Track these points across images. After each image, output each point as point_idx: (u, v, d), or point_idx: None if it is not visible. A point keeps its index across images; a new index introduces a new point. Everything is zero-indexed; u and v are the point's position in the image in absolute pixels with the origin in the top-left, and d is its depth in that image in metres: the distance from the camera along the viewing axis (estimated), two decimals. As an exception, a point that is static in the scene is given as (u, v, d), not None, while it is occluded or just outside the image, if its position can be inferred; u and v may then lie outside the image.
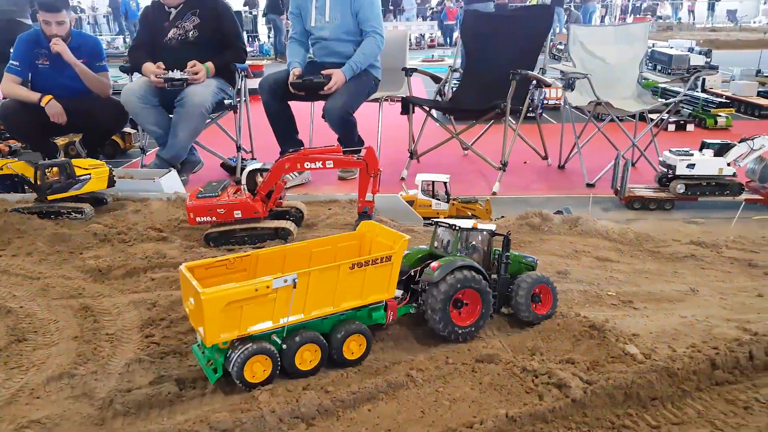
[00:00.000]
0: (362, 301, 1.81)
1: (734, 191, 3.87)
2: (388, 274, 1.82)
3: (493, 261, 2.16)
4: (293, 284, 1.64)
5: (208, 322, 1.57)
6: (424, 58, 13.47)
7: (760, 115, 6.71)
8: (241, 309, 1.61)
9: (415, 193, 3.66)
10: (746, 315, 2.24)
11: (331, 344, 1.77)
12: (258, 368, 1.67)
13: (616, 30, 4.90)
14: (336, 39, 4.64)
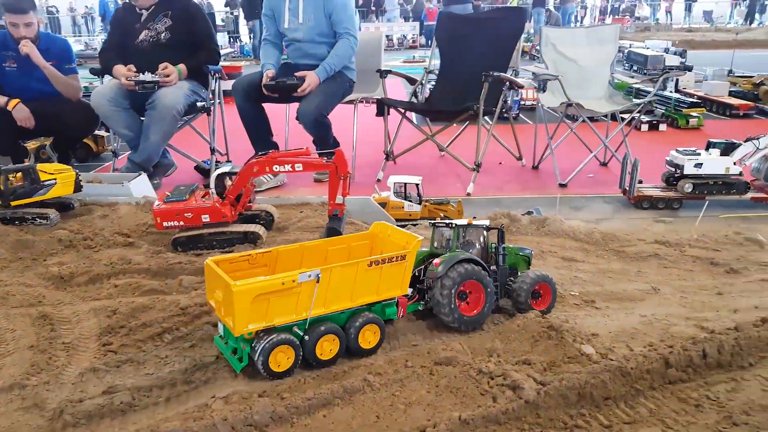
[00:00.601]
0: (378, 297, 1.90)
1: (740, 190, 3.92)
2: (402, 272, 1.93)
3: (490, 254, 2.27)
4: (317, 279, 1.74)
5: (237, 313, 1.66)
6: (405, 59, 13.50)
7: (731, 115, 6.82)
8: (268, 301, 1.70)
9: (387, 195, 3.67)
10: (704, 313, 2.28)
11: (347, 335, 1.86)
12: (282, 358, 1.75)
13: (587, 32, 4.94)
14: (310, 41, 4.63)
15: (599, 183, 4.66)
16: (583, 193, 4.40)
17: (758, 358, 1.87)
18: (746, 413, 1.62)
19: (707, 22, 21.42)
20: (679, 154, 3.94)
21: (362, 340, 1.88)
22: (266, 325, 1.72)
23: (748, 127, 6.59)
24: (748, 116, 6.82)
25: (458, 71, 4.94)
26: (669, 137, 6.09)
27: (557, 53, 4.83)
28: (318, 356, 1.82)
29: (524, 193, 4.46)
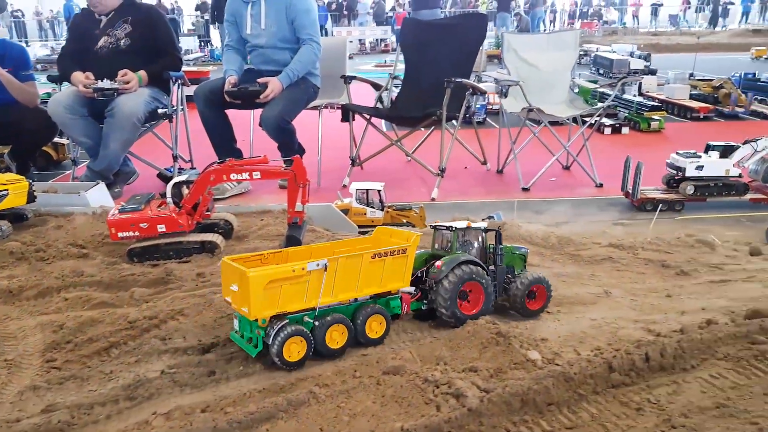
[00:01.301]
0: (381, 288, 2.03)
1: (740, 191, 4.03)
2: (404, 265, 2.07)
3: (489, 254, 2.36)
4: (324, 268, 1.87)
5: (253, 298, 1.79)
6: (377, 63, 13.52)
7: (692, 117, 6.98)
8: (280, 288, 1.83)
9: (349, 202, 3.66)
10: (653, 316, 2.32)
11: (355, 327, 1.97)
12: (294, 349, 1.87)
13: (548, 38, 5.02)
14: (272, 47, 4.61)
15: (562, 186, 4.73)
16: (545, 197, 4.46)
17: (700, 360, 1.91)
18: (685, 415, 1.66)
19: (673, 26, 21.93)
20: (680, 157, 4.03)
21: (369, 330, 1.99)
22: (278, 311, 1.85)
23: (707, 129, 6.77)
24: (708, 119, 7.00)
25: (422, 77, 4.96)
26: (631, 140, 6.21)
27: (519, 59, 4.89)
28: (328, 345, 1.91)
29: (488, 198, 4.50)
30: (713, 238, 3.42)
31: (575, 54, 4.97)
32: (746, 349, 1.95)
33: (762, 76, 7.77)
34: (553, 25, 21.01)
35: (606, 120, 6.41)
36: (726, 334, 2.00)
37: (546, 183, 4.75)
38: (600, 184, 4.63)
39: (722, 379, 1.82)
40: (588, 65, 11.67)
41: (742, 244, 3.32)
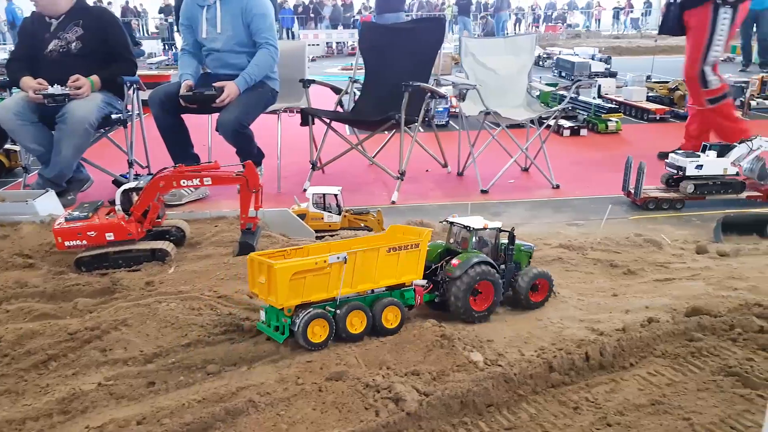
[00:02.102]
0: (397, 280, 2.20)
1: (737, 189, 4.15)
2: (417, 258, 2.23)
3: (500, 253, 2.49)
4: (344, 261, 2.03)
5: (279, 289, 1.94)
6: (343, 66, 13.51)
7: (649, 119, 7.15)
8: (304, 279, 1.99)
9: (306, 206, 3.64)
10: (598, 315, 2.36)
11: (373, 314, 2.11)
12: (318, 329, 2.01)
13: (505, 42, 5.08)
14: (229, 51, 4.57)
15: (520, 188, 4.79)
16: (503, 199, 4.51)
17: (639, 358, 1.96)
18: (620, 413, 1.69)
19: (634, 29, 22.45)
20: (680, 157, 4.14)
21: (385, 320, 2.13)
22: (302, 300, 2.00)
23: (663, 130, 6.94)
24: (664, 120, 7.17)
25: (382, 81, 4.97)
26: (589, 141, 6.33)
27: (477, 63, 4.94)
28: (348, 330, 2.07)
29: (447, 200, 4.53)
30: (663, 237, 3.51)
31: (532, 58, 5.04)
32: (683, 347, 2.00)
33: (715, 79, 7.97)
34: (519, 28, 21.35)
35: (565, 122, 6.52)
36: (665, 332, 2.05)
37: (505, 185, 4.80)
38: (557, 186, 4.71)
39: (659, 376, 1.86)
40: (551, 68, 11.88)
41: (690, 243, 3.42)
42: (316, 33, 17.53)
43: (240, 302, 2.39)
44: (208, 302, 2.33)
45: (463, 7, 16.68)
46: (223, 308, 2.30)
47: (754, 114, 7.53)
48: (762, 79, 8.26)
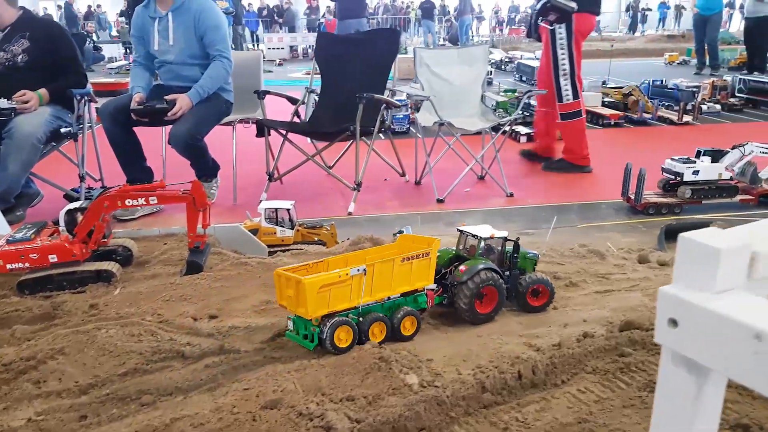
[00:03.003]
0: (411, 287, 2.43)
1: (731, 193, 4.32)
2: (428, 266, 2.45)
3: (505, 261, 2.68)
4: (364, 273, 2.26)
5: (309, 301, 2.15)
6: (307, 71, 13.45)
7: (604, 124, 7.31)
8: (329, 291, 2.20)
9: (259, 221, 3.63)
10: (537, 329, 2.42)
11: (392, 323, 2.33)
12: (343, 335, 2.22)
13: (458, 52, 5.14)
14: (181, 63, 4.53)
15: (474, 197, 4.85)
16: (459, 208, 4.57)
17: (571, 375, 2.01)
18: (548, 432, 1.74)
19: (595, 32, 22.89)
20: (677, 163, 4.30)
21: (403, 328, 2.35)
22: (329, 311, 2.22)
23: (617, 135, 7.12)
24: (619, 125, 7.35)
25: (338, 91, 4.99)
26: (545, 148, 6.45)
27: (431, 73, 4.99)
28: (370, 338, 2.28)
29: (403, 210, 4.56)
30: (609, 246, 3.61)
31: (485, 68, 5.12)
32: (614, 362, 2.07)
33: (669, 83, 8.21)
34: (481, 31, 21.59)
35: (522, 128, 6.63)
36: (596, 347, 2.11)
37: (461, 194, 4.86)
38: (510, 194, 4.79)
39: (588, 393, 1.92)
40: (512, 72, 12.05)
41: (634, 251, 3.51)
42: (280, 36, 17.44)
43: (182, 327, 2.38)
44: (148, 328, 2.31)
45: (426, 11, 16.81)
46: (164, 334, 2.29)
47: (705, 118, 7.78)
48: (713, 83, 8.53)
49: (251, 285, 2.82)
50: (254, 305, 2.62)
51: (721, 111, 8.02)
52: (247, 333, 2.36)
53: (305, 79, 11.30)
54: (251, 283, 2.84)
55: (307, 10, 19.97)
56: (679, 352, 0.79)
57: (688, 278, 0.81)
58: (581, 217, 4.34)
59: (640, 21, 23.25)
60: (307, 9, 19.83)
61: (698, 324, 0.76)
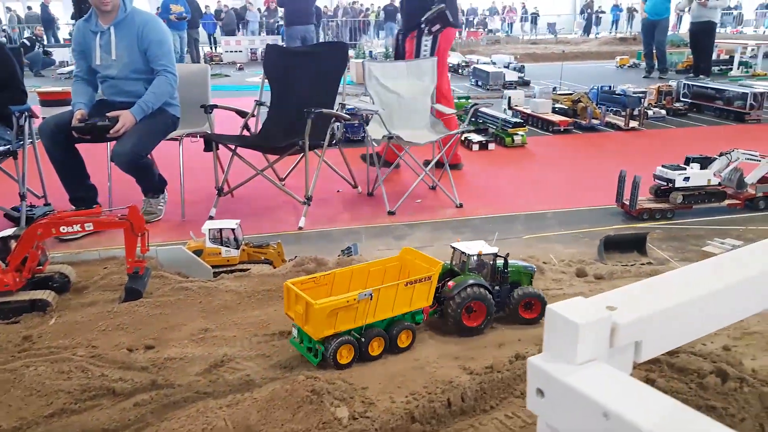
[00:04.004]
0: (411, 308, 2.55)
1: (719, 198, 4.51)
2: (428, 289, 2.57)
3: (496, 275, 2.79)
4: (370, 297, 2.39)
5: (317, 324, 2.28)
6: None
7: (554, 131, 7.47)
8: (336, 315, 2.33)
9: (203, 242, 3.59)
10: (473, 351, 2.47)
11: (390, 338, 2.47)
12: (345, 353, 2.36)
13: (407, 65, 5.18)
14: (124, 78, 4.45)
15: (425, 208, 4.89)
16: (409, 220, 4.60)
17: (500, 400, 2.06)
18: (475, 460, 1.78)
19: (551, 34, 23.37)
20: (668, 170, 4.49)
21: (399, 341, 2.49)
22: (334, 331, 2.34)
23: (565, 142, 7.28)
24: (568, 131, 7.52)
25: (287, 105, 4.97)
26: (496, 156, 6.56)
27: (380, 86, 5.02)
28: (369, 353, 2.42)
29: (355, 224, 4.57)
30: (552, 258, 3.70)
31: (433, 80, 5.17)
32: (541, 384, 2.12)
33: (617, 89, 8.44)
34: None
35: (475, 136, 6.72)
36: (526, 370, 2.16)
37: (412, 205, 4.90)
38: (460, 205, 4.85)
39: (515, 418, 1.97)
40: (468, 76, 12.19)
41: (575, 263, 3.61)
42: (238, 39, 17.22)
43: (114, 360, 2.33)
44: (79, 363, 2.26)
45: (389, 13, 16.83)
46: (96, 369, 2.25)
47: (651, 123, 8.03)
48: (658, 88, 8.80)
49: (190, 312, 2.79)
50: (192, 334, 2.59)
51: (666, 116, 8.30)
52: (183, 364, 2.34)
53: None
54: (191, 310, 2.81)
55: (265, 12, 19.78)
56: (547, 421, 0.83)
57: (554, 349, 0.85)
58: (527, 227, 4.43)
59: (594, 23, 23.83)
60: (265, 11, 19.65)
61: (559, 396, 0.80)
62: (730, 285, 0.92)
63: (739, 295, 0.93)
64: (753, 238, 4.06)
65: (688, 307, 0.88)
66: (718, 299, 0.91)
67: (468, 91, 10.55)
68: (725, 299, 0.92)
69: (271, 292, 2.99)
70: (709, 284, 0.91)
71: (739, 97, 8.08)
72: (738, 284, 0.93)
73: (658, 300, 0.87)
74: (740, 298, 0.94)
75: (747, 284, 0.94)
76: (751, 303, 0.96)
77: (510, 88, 10.44)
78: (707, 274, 0.94)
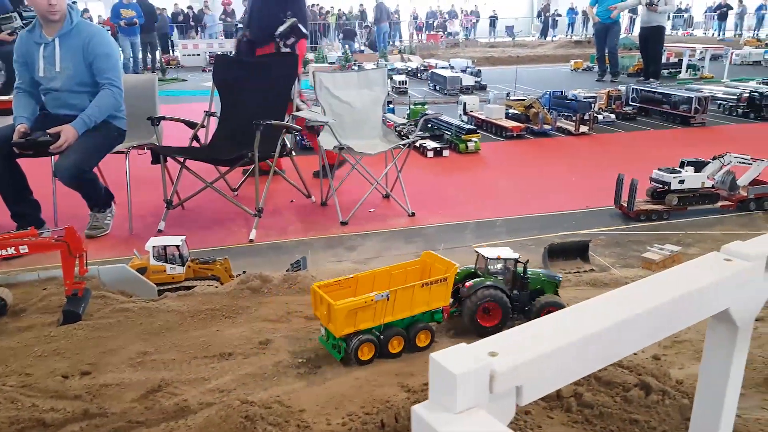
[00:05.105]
0: (428, 308, 2.71)
1: (713, 200, 4.72)
2: (445, 289, 2.72)
3: (516, 280, 2.93)
4: (387, 298, 2.56)
5: (338, 323, 2.47)
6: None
7: (507, 136, 7.61)
8: (356, 314, 2.51)
9: (147, 259, 3.54)
10: (414, 367, 2.50)
11: (409, 336, 2.63)
12: (366, 351, 2.54)
13: (358, 75, 5.20)
14: (68, 90, 4.35)
15: (378, 218, 4.92)
16: (363, 230, 4.62)
17: (434, 417, 2.10)
18: (405, 482, 1.81)
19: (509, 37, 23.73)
20: (664, 173, 4.69)
21: (418, 341, 2.65)
22: (355, 329, 2.51)
23: (518, 146, 7.42)
24: (521, 137, 7.66)
25: (237, 116, 4.93)
26: (449, 163, 6.64)
27: (332, 96, 5.03)
28: (389, 350, 2.59)
29: (307, 235, 4.57)
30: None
31: (384, 90, 5.21)
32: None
33: (568, 94, 8.64)
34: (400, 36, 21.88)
35: (430, 143, 6.79)
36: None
37: (365, 215, 4.92)
38: (412, 214, 4.90)
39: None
40: (427, 81, 12.29)
41: (520, 271, 3.69)
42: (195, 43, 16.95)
43: (47, 389, 2.28)
44: (9, 394, 2.21)
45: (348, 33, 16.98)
46: (26, 399, 2.20)
47: (601, 127, 8.25)
48: (608, 93, 9.05)
49: (130, 334, 2.75)
50: (130, 358, 2.56)
51: (615, 120, 8.53)
52: (118, 390, 2.31)
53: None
54: (130, 332, 2.77)
55: (222, 15, 19.51)
56: (431, 470, 0.86)
57: (436, 398, 0.88)
58: (477, 235, 4.50)
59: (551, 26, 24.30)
60: (222, 14, 19.38)
61: (438, 446, 0.83)
62: (608, 327, 0.97)
63: (618, 335, 0.98)
64: (691, 242, 4.22)
65: (566, 351, 0.92)
66: (595, 341, 0.95)
67: (425, 96, 10.64)
68: (603, 340, 0.97)
69: (214, 311, 2.97)
70: (586, 327, 0.95)
71: (684, 101, 8.37)
72: (616, 325, 0.98)
73: (537, 345, 0.91)
74: (619, 338, 0.99)
75: (626, 324, 0.99)
76: (630, 343, 1.01)
77: (467, 93, 10.61)
78: (587, 315, 0.99)
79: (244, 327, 2.82)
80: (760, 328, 2.72)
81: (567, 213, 4.93)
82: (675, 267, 1.17)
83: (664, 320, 1.05)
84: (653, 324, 1.04)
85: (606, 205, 4.98)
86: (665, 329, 1.07)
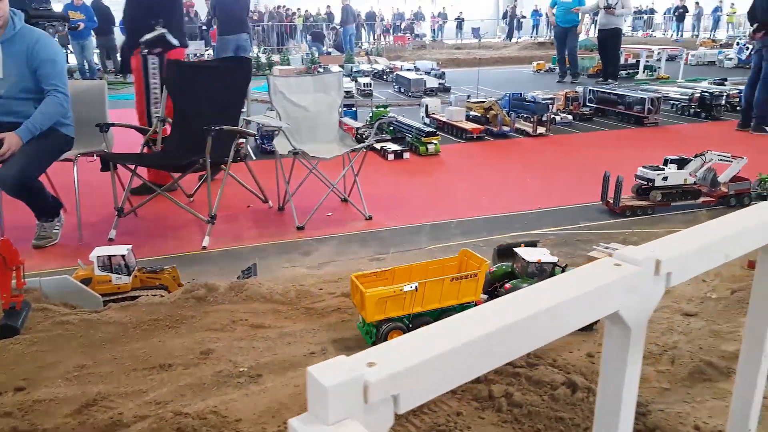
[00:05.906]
0: (458, 301, 2.84)
1: (695, 196, 4.87)
2: (475, 284, 2.84)
3: None
4: (415, 289, 2.71)
5: (369, 309, 2.66)
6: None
7: (467, 138, 7.68)
8: (385, 303, 2.69)
9: (91, 269, 3.48)
10: (355, 372, 2.51)
11: None
12: (395, 336, 2.57)
13: (313, 80, 5.20)
14: (12, 97, 4.25)
15: (335, 222, 4.92)
16: (319, 235, 4.61)
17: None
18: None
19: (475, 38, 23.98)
20: (648, 170, 4.84)
21: None
22: (385, 316, 2.69)
23: (478, 148, 7.50)
24: (481, 138, 7.75)
25: (191, 121, 4.87)
26: (409, 165, 6.67)
27: (287, 101, 5.01)
28: None
29: (261, 241, 4.54)
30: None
31: (340, 94, 5.21)
32: (412, 403, 2.19)
33: (527, 96, 8.77)
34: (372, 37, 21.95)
35: (390, 146, 6.82)
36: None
37: (322, 219, 4.92)
38: (369, 217, 4.91)
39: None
40: (391, 83, 12.34)
41: (471, 273, 3.73)
42: (158, 46, 16.71)
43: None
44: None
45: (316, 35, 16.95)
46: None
47: (558, 128, 8.40)
48: (566, 94, 9.21)
49: (69, 348, 2.70)
50: (67, 372, 2.51)
51: (573, 121, 8.70)
52: (52, 406, 2.26)
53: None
54: (69, 346, 2.72)
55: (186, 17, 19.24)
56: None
57: (312, 410, 0.89)
58: (432, 237, 4.54)
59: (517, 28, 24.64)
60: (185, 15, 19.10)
61: (311, 457, 0.84)
62: (491, 332, 0.99)
63: (503, 339, 1.01)
64: (637, 240, 4.33)
65: (445, 358, 0.94)
66: (477, 346, 0.98)
67: (389, 98, 10.68)
68: (487, 345, 0.99)
69: (157, 322, 2.93)
70: (470, 333, 0.97)
71: (638, 102, 8.58)
72: (499, 330, 1.00)
73: (416, 354, 0.93)
74: (504, 342, 1.02)
75: (510, 329, 1.02)
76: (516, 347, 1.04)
77: (431, 95, 10.68)
78: (474, 321, 1.01)
79: (187, 337, 2.80)
80: (693, 323, 2.81)
81: (520, 213, 5.01)
82: (570, 271, 1.21)
83: (551, 323, 1.08)
84: (540, 326, 1.07)
85: (559, 204, 5.08)
86: (554, 331, 1.10)
